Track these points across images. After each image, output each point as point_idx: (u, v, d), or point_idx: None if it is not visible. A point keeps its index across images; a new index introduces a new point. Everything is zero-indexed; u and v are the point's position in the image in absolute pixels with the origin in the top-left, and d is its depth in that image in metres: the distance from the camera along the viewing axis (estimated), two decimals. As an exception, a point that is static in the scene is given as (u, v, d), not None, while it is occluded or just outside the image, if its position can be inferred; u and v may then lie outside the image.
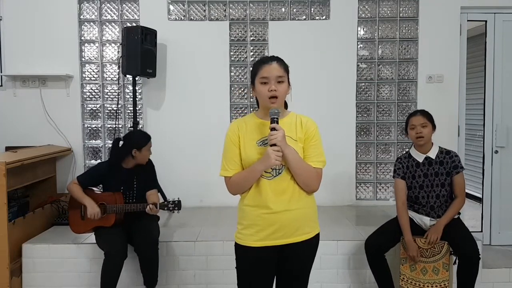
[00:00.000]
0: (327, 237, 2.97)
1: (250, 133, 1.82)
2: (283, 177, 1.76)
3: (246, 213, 1.82)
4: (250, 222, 1.80)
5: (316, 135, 1.84)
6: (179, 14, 3.87)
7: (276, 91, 1.75)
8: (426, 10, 3.82)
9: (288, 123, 1.83)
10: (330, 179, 3.87)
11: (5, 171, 2.76)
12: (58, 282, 2.93)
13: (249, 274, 1.83)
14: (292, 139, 1.78)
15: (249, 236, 1.79)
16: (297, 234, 1.78)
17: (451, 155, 2.66)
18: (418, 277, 2.67)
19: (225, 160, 1.84)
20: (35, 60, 3.80)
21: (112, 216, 2.77)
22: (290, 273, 1.84)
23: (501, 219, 3.67)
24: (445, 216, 2.61)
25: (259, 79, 1.78)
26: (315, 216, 1.88)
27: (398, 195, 2.72)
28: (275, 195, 1.75)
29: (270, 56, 1.83)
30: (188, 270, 2.94)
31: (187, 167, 3.86)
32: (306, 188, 1.80)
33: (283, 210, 1.75)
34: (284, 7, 3.87)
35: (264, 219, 1.76)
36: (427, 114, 2.69)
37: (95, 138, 3.94)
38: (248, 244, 1.79)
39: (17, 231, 2.96)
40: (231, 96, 3.90)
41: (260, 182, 1.77)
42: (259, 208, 1.77)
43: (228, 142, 1.84)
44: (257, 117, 1.86)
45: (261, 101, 1.83)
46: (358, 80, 3.91)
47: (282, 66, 1.79)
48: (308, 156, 1.81)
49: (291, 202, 1.77)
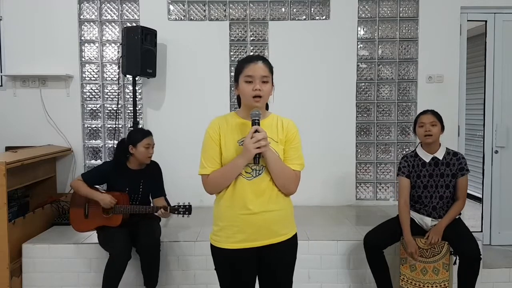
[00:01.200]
0: (327, 237, 2.97)
1: (231, 132, 1.79)
2: (262, 178, 1.74)
3: (222, 214, 1.78)
4: (228, 223, 1.76)
5: (297, 137, 1.82)
6: (179, 14, 3.87)
7: (260, 90, 1.72)
8: (426, 10, 3.82)
9: (269, 124, 1.80)
10: (330, 179, 3.87)
11: (5, 171, 2.76)
12: (58, 282, 2.93)
13: (229, 276, 1.80)
14: (273, 140, 1.76)
15: (226, 238, 1.77)
16: (275, 236, 1.77)
17: (458, 157, 2.66)
18: (418, 277, 2.66)
19: (204, 158, 1.79)
20: (35, 60, 3.80)
21: (119, 216, 2.76)
22: (273, 275, 1.82)
23: (501, 219, 3.67)
24: (446, 217, 2.61)
25: (244, 77, 1.74)
26: (292, 217, 1.87)
27: (401, 193, 2.72)
28: (254, 196, 1.73)
29: (255, 55, 1.82)
30: (188, 270, 2.94)
31: (187, 167, 3.83)
32: (284, 190, 1.78)
33: (262, 211, 1.73)
34: (284, 7, 3.87)
35: (243, 220, 1.74)
36: (437, 114, 2.69)
37: (95, 138, 3.94)
38: (225, 246, 1.76)
39: (17, 231, 2.96)
40: (231, 96, 3.90)
41: (238, 182, 1.74)
42: (237, 208, 1.74)
43: (208, 139, 1.79)
44: (239, 116, 1.83)
45: (244, 100, 1.79)
46: (358, 80, 3.91)
47: (267, 66, 1.77)
48: (288, 158, 1.79)
49: (269, 203, 1.75)
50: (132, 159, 2.87)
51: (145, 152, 2.84)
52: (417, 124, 2.71)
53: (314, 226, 3.22)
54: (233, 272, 1.79)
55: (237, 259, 1.77)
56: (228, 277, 1.81)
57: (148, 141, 2.87)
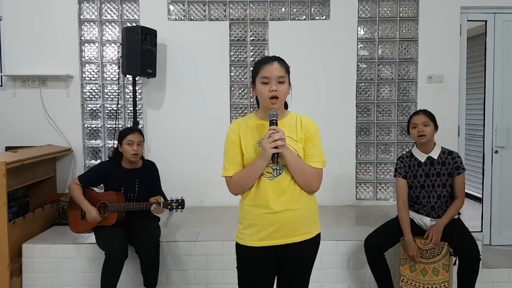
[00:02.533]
0: (327, 237, 2.97)
1: (250, 133, 1.82)
2: (283, 177, 1.76)
3: (246, 213, 1.82)
4: (251, 221, 1.80)
5: (316, 135, 1.84)
6: (179, 14, 3.87)
7: (277, 91, 1.74)
8: (426, 10, 3.82)
9: (288, 123, 1.83)
10: (330, 179, 3.87)
11: (5, 171, 2.76)
12: (58, 282, 2.93)
13: (250, 274, 1.83)
14: (292, 140, 1.78)
15: (250, 236, 1.80)
16: (297, 234, 1.79)
17: (453, 156, 2.65)
18: (418, 278, 2.66)
19: (226, 161, 1.84)
20: (35, 60, 3.80)
21: (114, 215, 2.76)
22: (291, 273, 1.84)
23: (501, 219, 3.67)
24: (445, 216, 2.61)
25: (260, 78, 1.77)
26: (316, 216, 1.88)
27: (399, 194, 2.72)
28: (275, 195, 1.75)
29: (271, 56, 1.83)
30: (188, 270, 2.94)
31: (187, 167, 3.86)
32: (307, 188, 1.80)
33: (284, 210, 1.75)
34: (284, 7, 3.87)
35: (265, 219, 1.76)
36: (429, 114, 2.69)
37: (95, 138, 3.94)
38: (249, 244, 1.80)
39: (17, 231, 2.96)
40: (231, 96, 3.90)
41: (261, 182, 1.77)
42: (259, 208, 1.77)
43: (229, 142, 1.84)
44: (258, 117, 1.86)
45: (261, 101, 1.82)
46: (358, 80, 3.91)
47: (283, 67, 1.79)
48: (308, 156, 1.81)
49: (291, 202, 1.77)
50: (124, 158, 2.86)
51: (128, 149, 2.79)
52: (410, 125, 2.71)
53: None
54: (255, 269, 1.82)
55: (260, 257, 1.80)
56: (248, 274, 1.83)
57: (132, 137, 2.80)
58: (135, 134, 2.83)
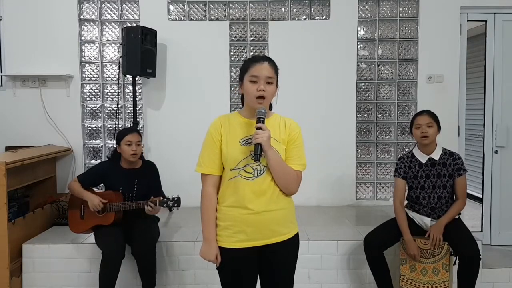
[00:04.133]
0: (327, 237, 2.97)
1: (233, 131, 1.80)
2: (264, 178, 1.75)
3: (224, 214, 1.79)
4: (229, 223, 1.77)
5: (299, 137, 1.83)
6: (179, 14, 3.87)
7: (264, 91, 1.73)
8: (426, 10, 3.82)
9: (272, 124, 1.81)
10: (330, 179, 3.87)
11: (5, 171, 2.76)
12: (58, 282, 2.93)
13: (231, 275, 1.81)
14: (275, 140, 1.77)
15: (227, 237, 1.77)
16: (276, 235, 1.78)
17: (454, 157, 2.65)
18: (418, 277, 2.66)
19: (202, 157, 1.82)
20: (35, 60, 3.80)
21: (112, 214, 2.76)
22: (274, 274, 1.82)
23: (501, 219, 3.67)
24: (446, 215, 2.61)
25: (249, 77, 1.76)
26: (293, 216, 1.87)
27: (397, 194, 2.72)
28: (255, 196, 1.74)
29: (262, 56, 1.82)
30: (188, 270, 2.94)
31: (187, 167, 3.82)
32: (285, 190, 1.79)
33: (263, 211, 1.74)
34: (284, 7, 3.87)
35: (243, 220, 1.75)
36: (433, 115, 2.68)
37: (95, 138, 3.94)
38: (228, 246, 1.77)
39: (17, 231, 2.96)
40: (231, 96, 3.90)
41: (239, 183, 1.75)
42: (238, 208, 1.75)
43: (209, 139, 1.81)
44: (241, 115, 1.84)
45: (247, 99, 1.80)
46: (358, 80, 3.91)
47: (273, 67, 1.78)
48: (289, 158, 1.80)
49: (270, 203, 1.76)
50: (123, 159, 2.86)
51: (127, 149, 2.78)
52: (413, 125, 2.70)
53: (314, 226, 3.22)
54: (235, 271, 1.80)
55: (239, 259, 1.78)
56: (229, 276, 1.81)
57: (130, 138, 2.79)
58: (133, 134, 2.82)
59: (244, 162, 1.75)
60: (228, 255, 1.78)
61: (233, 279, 1.81)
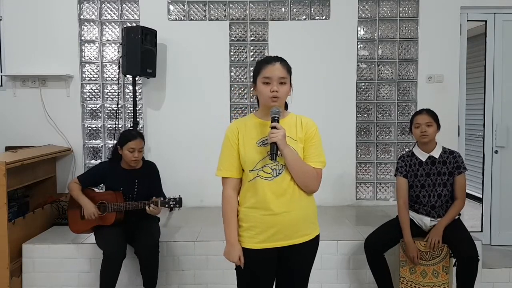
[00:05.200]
0: (327, 237, 2.97)
1: (249, 133, 1.82)
2: (283, 177, 1.75)
3: (245, 215, 1.81)
4: (250, 224, 1.79)
5: (316, 135, 1.83)
6: (179, 14, 3.87)
7: (277, 92, 1.74)
8: (426, 10, 3.82)
9: (288, 123, 1.82)
10: (330, 179, 3.87)
11: (5, 171, 2.76)
12: (58, 282, 2.93)
13: (249, 275, 1.82)
14: (292, 139, 1.78)
15: (249, 238, 1.79)
16: (297, 236, 1.78)
17: (454, 155, 2.65)
18: (417, 279, 2.66)
19: (221, 161, 1.84)
20: (35, 60, 3.79)
21: (112, 215, 2.76)
22: (290, 274, 1.84)
23: (501, 219, 3.67)
24: (445, 217, 2.60)
25: (262, 78, 1.77)
26: (315, 217, 1.87)
27: (400, 194, 2.71)
28: (275, 197, 1.75)
29: (274, 56, 1.82)
30: (188, 270, 2.94)
31: (187, 167, 3.86)
32: (306, 188, 1.79)
33: (284, 212, 1.75)
34: (284, 7, 3.87)
35: (265, 221, 1.76)
36: (433, 114, 2.68)
37: (95, 138, 3.94)
38: (248, 246, 1.78)
39: (17, 231, 2.96)
40: (231, 96, 3.90)
41: (258, 184, 1.76)
42: (259, 209, 1.76)
43: (227, 143, 1.84)
44: (257, 117, 1.86)
45: (262, 101, 1.82)
46: (358, 80, 3.91)
47: (285, 67, 1.79)
48: (308, 156, 1.80)
49: (291, 203, 1.76)
50: (123, 160, 2.87)
51: (129, 155, 2.78)
52: (413, 124, 2.70)
53: (314, 226, 3.22)
54: (253, 271, 1.81)
55: (259, 259, 1.79)
56: (248, 276, 1.82)
57: (133, 145, 2.77)
58: (137, 140, 2.79)
59: (262, 162, 1.76)
60: (249, 255, 1.79)
61: (251, 279, 1.82)
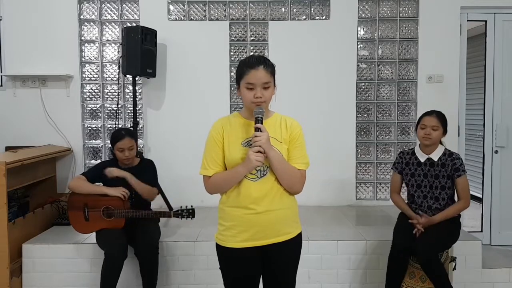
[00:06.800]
0: (327, 237, 2.97)
1: (234, 132, 1.79)
2: (267, 178, 1.75)
3: (227, 214, 1.79)
4: (232, 223, 1.77)
5: (301, 136, 1.82)
6: (179, 14, 3.87)
7: (261, 97, 1.71)
8: (426, 10, 3.82)
9: (273, 124, 1.80)
10: (330, 179, 3.87)
11: (5, 171, 2.76)
12: (58, 282, 2.93)
13: (234, 274, 1.81)
14: (277, 140, 1.76)
15: (231, 237, 1.77)
16: (279, 234, 1.78)
17: (453, 158, 2.61)
18: (417, 284, 2.63)
19: (205, 159, 1.81)
20: (35, 60, 3.80)
21: (122, 220, 2.75)
22: (276, 273, 1.83)
23: (501, 219, 3.67)
24: (441, 213, 2.57)
25: (245, 84, 1.72)
26: (297, 216, 1.87)
27: (392, 187, 2.82)
28: (258, 196, 1.74)
29: (256, 59, 1.74)
30: (188, 270, 2.94)
31: (187, 167, 3.84)
32: (290, 190, 1.79)
33: (266, 211, 1.74)
34: (284, 7, 3.87)
35: (247, 220, 1.75)
36: (442, 117, 2.65)
37: (95, 138, 3.94)
38: (230, 246, 1.77)
39: (17, 231, 2.96)
40: (231, 96, 3.90)
41: (242, 183, 1.74)
42: (242, 209, 1.75)
43: (211, 140, 1.81)
44: (242, 116, 1.83)
45: (246, 104, 1.78)
46: (358, 80, 3.91)
47: (268, 70, 1.73)
48: (292, 157, 1.79)
49: (273, 203, 1.75)
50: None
51: (120, 155, 2.80)
52: (419, 124, 2.68)
53: (314, 226, 3.22)
54: (238, 271, 1.80)
55: (242, 258, 1.78)
56: (232, 276, 1.82)
57: (121, 145, 2.78)
58: (124, 140, 2.79)
59: None
60: (232, 254, 1.78)
61: (236, 279, 1.81)
